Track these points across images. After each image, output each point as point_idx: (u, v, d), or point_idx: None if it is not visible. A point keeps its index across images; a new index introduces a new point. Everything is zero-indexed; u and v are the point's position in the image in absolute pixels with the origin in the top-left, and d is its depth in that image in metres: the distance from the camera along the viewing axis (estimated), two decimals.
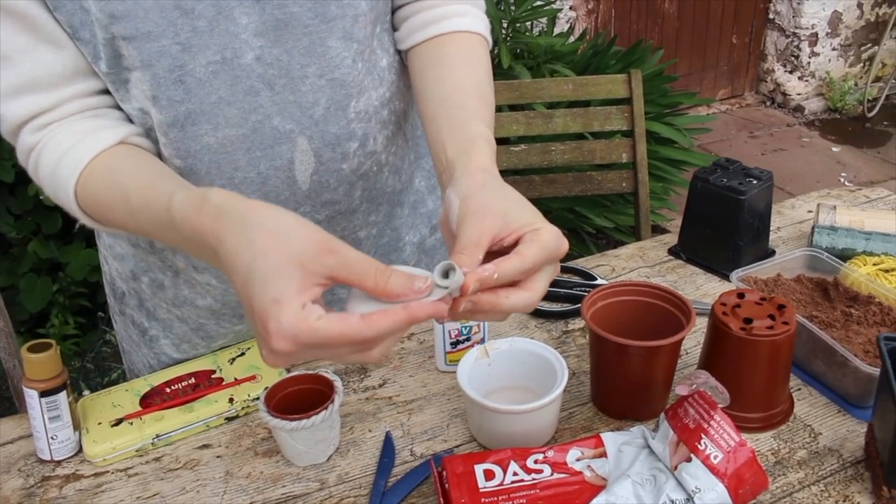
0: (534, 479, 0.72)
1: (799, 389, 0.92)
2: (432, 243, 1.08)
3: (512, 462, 0.74)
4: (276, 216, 0.61)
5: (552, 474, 0.73)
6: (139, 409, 0.91)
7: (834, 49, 4.38)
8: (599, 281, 1.11)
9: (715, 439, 0.69)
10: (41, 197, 2.14)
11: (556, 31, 3.18)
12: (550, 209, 2.59)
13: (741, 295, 0.87)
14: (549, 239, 0.62)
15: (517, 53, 2.69)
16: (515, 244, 0.63)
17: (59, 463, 0.86)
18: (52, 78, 0.76)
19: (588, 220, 2.67)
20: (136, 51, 0.75)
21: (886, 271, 1.03)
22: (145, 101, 0.78)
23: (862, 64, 4.51)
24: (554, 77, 2.45)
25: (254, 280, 0.58)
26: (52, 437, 0.85)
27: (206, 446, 0.88)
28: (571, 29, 3.50)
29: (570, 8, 3.67)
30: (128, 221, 0.76)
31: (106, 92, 0.80)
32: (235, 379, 0.96)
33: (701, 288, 1.11)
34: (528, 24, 2.86)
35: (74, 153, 0.76)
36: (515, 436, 0.81)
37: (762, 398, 0.84)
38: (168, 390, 0.94)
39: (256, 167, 0.83)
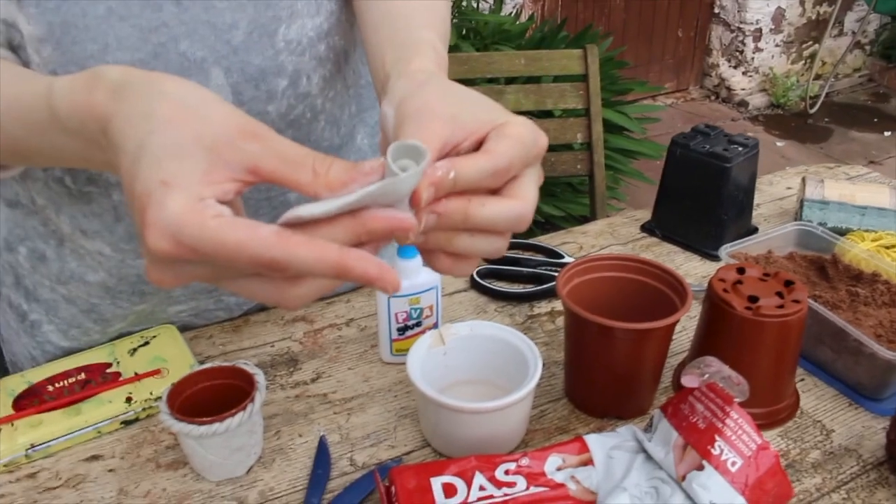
0: (506, 495, 0.57)
1: (802, 380, 0.79)
2: None
3: (477, 473, 0.59)
4: (187, 87, 0.45)
5: (528, 488, 0.58)
6: (11, 412, 0.73)
7: (777, 45, 4.37)
8: (567, 259, 0.97)
9: (732, 442, 0.55)
10: None
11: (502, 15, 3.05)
12: None
13: (741, 270, 0.74)
14: (521, 131, 0.46)
15: (463, 34, 2.55)
16: (478, 149, 0.46)
17: None
18: None
19: (537, 209, 2.54)
20: None
21: (888, 247, 0.92)
22: (10, 7, 0.61)
23: (804, 61, 4.52)
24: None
25: (143, 158, 0.41)
26: None
27: (95, 457, 0.71)
28: (518, 15, 3.38)
29: None
30: None
31: None
32: (136, 374, 0.78)
33: (681, 267, 0.98)
34: (475, 3, 2.72)
35: None
36: (479, 440, 0.67)
37: (768, 390, 0.72)
38: (50, 388, 0.77)
39: None
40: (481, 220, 0.45)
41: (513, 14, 3.17)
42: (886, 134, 4.08)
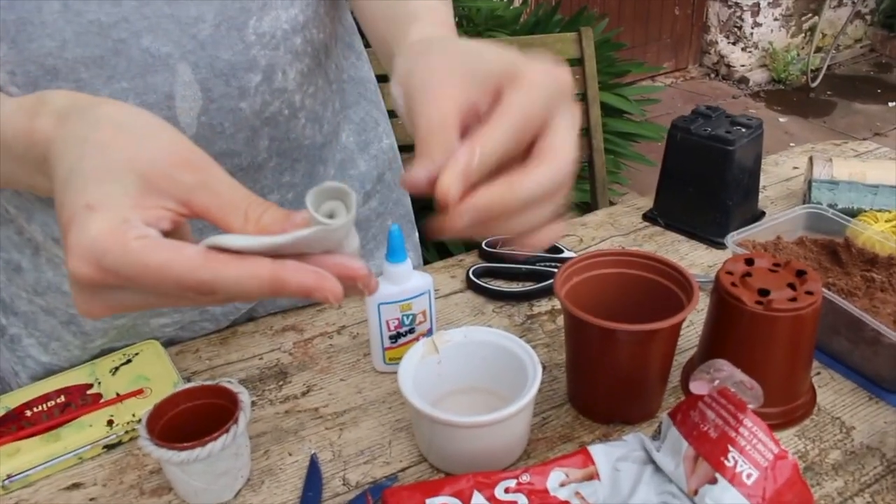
0: None
1: (818, 373, 0.75)
2: (366, 213, 0.89)
3: (476, 493, 0.55)
4: (131, 113, 0.43)
5: None
6: None
7: (776, 19, 4.30)
8: (567, 254, 0.93)
9: (747, 452, 0.51)
10: None
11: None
12: None
13: (749, 261, 0.70)
14: (535, 76, 0.42)
15: (456, 21, 2.50)
16: None
17: None
18: None
19: None
20: None
21: None
22: None
23: (803, 34, 4.45)
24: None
25: (72, 182, 0.39)
26: None
27: (76, 486, 0.68)
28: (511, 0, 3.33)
29: None
30: None
31: None
32: (117, 394, 0.75)
33: (686, 257, 0.94)
34: None
35: None
36: (477, 454, 0.63)
37: (783, 388, 0.68)
38: (28, 413, 0.73)
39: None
40: (523, 201, 0.41)
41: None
42: (891, 104, 4.02)
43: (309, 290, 0.38)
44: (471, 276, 0.89)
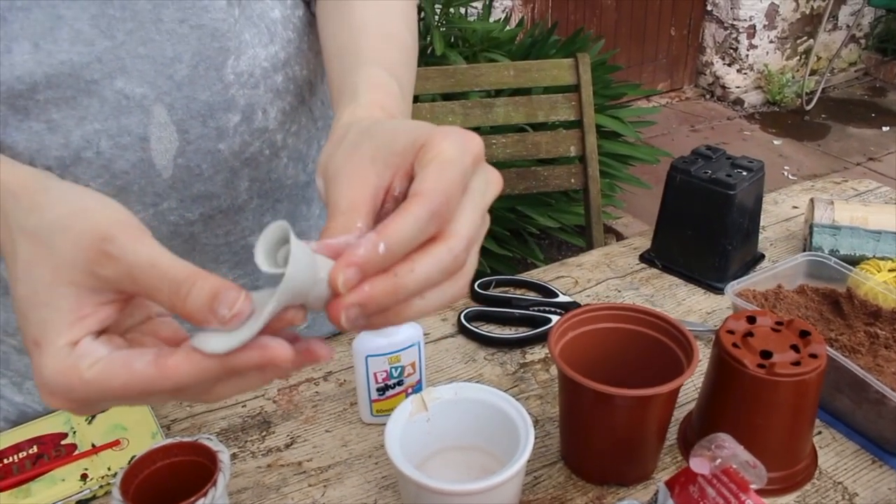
0: None
1: (819, 433, 0.73)
2: None
3: None
4: (45, 213, 0.42)
5: None
6: None
7: (771, 42, 4.31)
8: (562, 298, 0.90)
9: None
10: None
11: (492, 20, 2.98)
12: (491, 209, 2.40)
13: (751, 319, 0.67)
14: (444, 148, 0.39)
15: (451, 42, 2.48)
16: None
17: None
18: None
19: (531, 220, 2.49)
20: None
21: None
22: None
23: (798, 57, 4.46)
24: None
25: (18, 307, 0.41)
26: None
27: None
28: (507, 19, 3.32)
29: None
30: None
31: None
32: (93, 445, 0.72)
33: (683, 303, 0.92)
34: (463, 10, 2.65)
35: None
36: None
37: (783, 453, 0.65)
38: None
39: (95, 145, 0.60)
40: (415, 287, 0.38)
41: (502, 19, 3.10)
42: (885, 129, 4.01)
43: (264, 363, 0.37)
44: (462, 320, 0.86)
